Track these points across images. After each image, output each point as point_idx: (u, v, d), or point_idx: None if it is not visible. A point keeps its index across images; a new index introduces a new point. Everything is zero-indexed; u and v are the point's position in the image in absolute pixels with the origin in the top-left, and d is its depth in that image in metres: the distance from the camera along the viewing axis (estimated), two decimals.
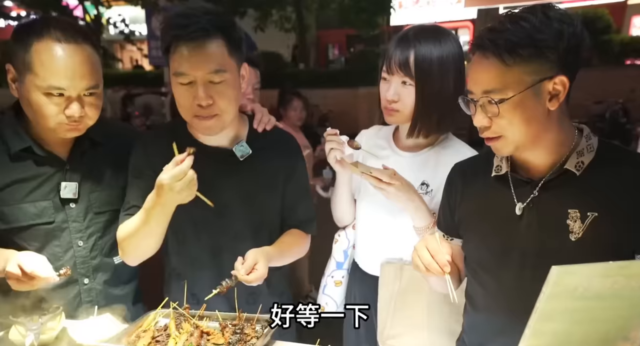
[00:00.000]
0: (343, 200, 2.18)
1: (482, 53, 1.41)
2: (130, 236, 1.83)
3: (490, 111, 1.42)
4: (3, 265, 1.73)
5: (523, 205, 1.51)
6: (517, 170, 1.57)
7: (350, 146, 1.98)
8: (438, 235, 1.61)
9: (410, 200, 1.87)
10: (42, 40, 1.73)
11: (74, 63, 1.74)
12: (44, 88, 1.73)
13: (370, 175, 1.85)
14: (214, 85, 1.74)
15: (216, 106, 1.76)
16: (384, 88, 1.97)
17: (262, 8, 17.06)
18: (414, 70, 1.88)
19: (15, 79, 1.80)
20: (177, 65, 1.73)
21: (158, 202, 1.68)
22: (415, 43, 1.88)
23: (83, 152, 1.96)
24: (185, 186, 1.61)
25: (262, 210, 1.97)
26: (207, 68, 1.72)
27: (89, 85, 1.77)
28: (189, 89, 1.74)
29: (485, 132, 1.46)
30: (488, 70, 1.39)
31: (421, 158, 2.02)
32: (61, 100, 1.76)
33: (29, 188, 1.87)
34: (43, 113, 1.77)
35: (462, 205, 1.69)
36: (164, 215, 1.74)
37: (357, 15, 17.29)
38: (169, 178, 1.61)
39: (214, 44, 1.72)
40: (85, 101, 1.79)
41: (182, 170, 1.60)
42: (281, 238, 2.00)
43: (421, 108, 1.92)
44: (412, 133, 1.98)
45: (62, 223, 1.91)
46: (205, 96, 1.73)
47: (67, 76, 1.73)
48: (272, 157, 1.97)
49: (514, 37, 1.35)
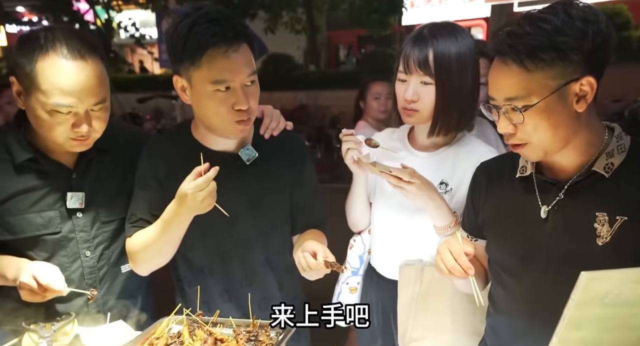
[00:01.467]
0: (359, 203, 2.15)
1: (501, 59, 1.37)
2: (145, 248, 1.84)
3: (514, 118, 1.38)
4: (15, 274, 1.73)
5: (548, 208, 1.47)
6: (542, 171, 1.53)
7: (368, 145, 1.96)
8: (462, 235, 1.59)
9: (431, 199, 1.85)
10: (47, 56, 1.69)
11: (81, 80, 1.70)
12: (49, 105, 1.69)
13: (390, 174, 1.82)
14: (248, 88, 1.75)
15: (250, 109, 1.77)
16: (402, 88, 1.94)
17: (272, 10, 17.13)
18: (434, 68, 1.85)
19: (21, 92, 1.77)
20: (216, 73, 1.70)
21: (179, 211, 1.69)
22: (432, 40, 1.86)
23: (90, 160, 1.93)
24: (207, 195, 1.62)
25: (270, 214, 1.95)
26: (246, 72, 1.72)
27: (96, 100, 1.74)
28: (226, 96, 1.73)
29: (510, 139, 1.43)
30: (509, 76, 1.35)
31: (439, 158, 2.00)
32: (68, 117, 1.73)
33: (35, 199, 1.85)
34: (49, 129, 1.74)
35: (485, 205, 1.67)
36: (182, 225, 1.75)
37: (368, 16, 17.32)
38: (193, 187, 1.61)
39: (245, 47, 1.73)
40: (92, 115, 1.77)
41: (207, 180, 1.61)
42: (307, 236, 1.95)
43: (442, 106, 1.89)
44: (433, 132, 1.96)
45: (69, 233, 1.89)
46: (246, 99, 1.74)
47: (74, 94, 1.70)
48: (279, 159, 1.96)
49: (535, 40, 1.30)
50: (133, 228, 1.89)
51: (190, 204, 1.64)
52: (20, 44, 1.74)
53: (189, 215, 1.71)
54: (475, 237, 1.72)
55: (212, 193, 1.64)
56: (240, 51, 1.70)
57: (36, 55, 1.69)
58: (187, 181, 1.64)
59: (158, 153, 1.92)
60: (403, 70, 1.91)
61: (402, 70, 1.92)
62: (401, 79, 1.93)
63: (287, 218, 2.01)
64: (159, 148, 1.94)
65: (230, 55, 1.68)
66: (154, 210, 1.86)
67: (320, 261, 1.66)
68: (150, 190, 1.89)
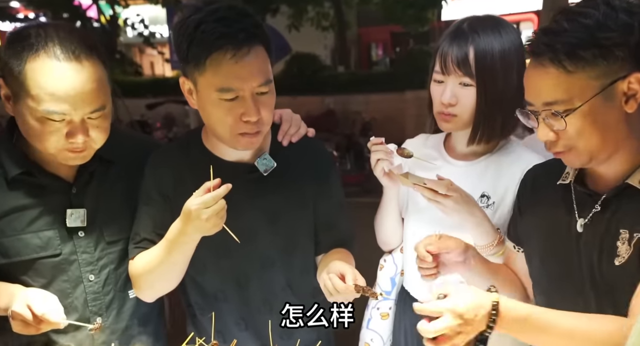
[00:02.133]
0: (390, 219, 2.16)
1: (538, 60, 1.37)
2: (148, 271, 1.84)
3: (555, 124, 1.38)
4: (7, 303, 1.70)
5: (584, 221, 1.47)
6: (582, 180, 1.53)
7: (400, 155, 1.95)
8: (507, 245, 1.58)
9: (470, 214, 1.84)
10: (38, 57, 1.66)
11: (75, 85, 1.67)
12: (40, 112, 1.67)
13: (424, 187, 1.82)
14: (259, 97, 1.74)
15: (261, 121, 1.76)
16: (438, 91, 1.94)
17: (296, 4, 17.17)
18: (475, 68, 1.85)
19: (10, 96, 1.75)
20: (221, 81, 1.69)
21: (184, 230, 1.69)
22: (473, 36, 1.86)
23: (91, 173, 1.92)
24: (213, 214, 1.61)
25: (292, 231, 1.96)
26: (257, 80, 1.71)
27: (93, 108, 1.72)
28: (233, 105, 1.72)
29: (553, 147, 1.43)
30: (547, 79, 1.36)
31: (479, 168, 1.99)
32: (61, 125, 1.70)
33: (31, 217, 1.83)
34: (41, 138, 1.72)
35: (527, 213, 1.68)
36: (189, 246, 1.75)
37: (404, 10, 17.26)
38: (198, 204, 1.61)
39: (258, 50, 1.71)
40: (90, 124, 1.74)
41: (214, 197, 1.61)
42: (333, 256, 1.95)
43: (484, 111, 1.88)
44: (474, 139, 1.95)
45: (70, 256, 1.88)
46: (256, 111, 1.73)
47: (67, 101, 1.67)
48: (300, 170, 1.96)
49: (574, 38, 1.30)
50: (136, 249, 1.90)
51: (194, 222, 1.63)
52: (9, 42, 1.72)
53: (194, 235, 1.70)
54: (522, 247, 1.73)
55: (220, 213, 1.62)
56: (252, 55, 1.69)
57: (25, 56, 1.66)
58: (194, 196, 1.64)
59: (164, 165, 1.93)
60: (440, 70, 1.91)
61: (438, 70, 1.92)
62: (437, 80, 1.94)
63: (311, 235, 2.02)
64: (166, 159, 1.95)
65: (239, 60, 1.67)
66: (159, 229, 1.86)
67: (349, 284, 1.65)
68: (155, 206, 1.90)
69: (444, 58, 1.89)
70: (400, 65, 16.80)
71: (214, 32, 1.65)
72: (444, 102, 1.91)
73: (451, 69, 1.88)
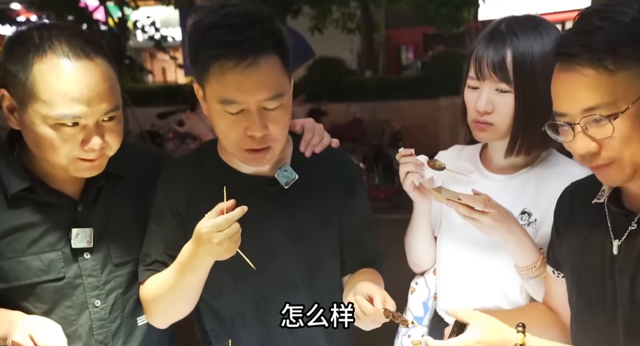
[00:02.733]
0: (422, 237, 2.16)
1: (573, 63, 1.36)
2: (160, 295, 1.85)
3: (599, 132, 1.36)
4: (6, 332, 1.70)
5: (619, 242, 1.47)
6: (618, 199, 1.52)
7: (431, 167, 1.95)
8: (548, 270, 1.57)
9: (510, 232, 1.83)
10: (45, 57, 1.67)
11: (90, 83, 1.69)
12: (53, 118, 1.67)
13: (459, 203, 1.82)
14: (268, 112, 1.73)
15: (270, 136, 1.75)
16: (473, 97, 1.94)
17: (320, 4, 17.21)
18: (513, 73, 1.85)
19: (13, 108, 1.76)
20: (224, 91, 1.69)
21: (196, 253, 1.70)
22: (511, 38, 1.85)
23: (99, 189, 1.92)
24: (225, 238, 1.61)
25: (315, 249, 1.96)
26: (263, 94, 1.70)
27: (108, 108, 1.73)
28: (238, 118, 1.72)
29: (593, 159, 1.42)
30: (586, 82, 1.34)
31: (519, 182, 1.99)
32: (75, 131, 1.71)
33: (33, 237, 1.83)
34: (54, 149, 1.72)
35: (564, 235, 1.67)
36: (200, 269, 1.76)
37: (437, 9, 17.24)
38: (210, 227, 1.61)
39: (269, 61, 1.69)
40: (104, 128, 1.76)
41: (227, 220, 1.61)
42: (361, 277, 1.94)
43: (523, 119, 1.87)
44: (512, 150, 1.94)
45: (74, 279, 1.87)
46: (261, 126, 1.72)
47: (82, 101, 1.67)
48: (324, 183, 1.97)
49: (614, 35, 1.30)
50: (147, 271, 1.90)
51: (205, 245, 1.64)
52: (9, 47, 1.72)
53: (206, 259, 1.71)
54: (562, 271, 1.72)
55: (233, 237, 1.63)
56: (260, 66, 1.67)
57: (31, 58, 1.67)
58: (205, 218, 1.64)
59: (177, 180, 1.94)
60: (474, 75, 1.91)
61: (473, 76, 1.92)
62: (472, 86, 1.94)
63: (336, 255, 2.02)
64: (179, 173, 1.97)
65: (243, 70, 1.65)
66: (171, 250, 1.87)
67: (378, 307, 1.64)
68: (167, 225, 1.90)
69: (479, 62, 1.89)
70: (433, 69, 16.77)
71: (220, 38, 1.66)
72: (479, 109, 1.91)
73: (487, 73, 1.87)
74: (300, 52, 10.87)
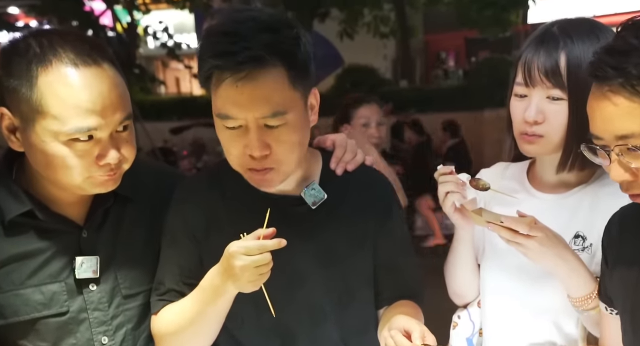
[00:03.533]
0: (464, 265, 2.15)
1: (605, 86, 1.35)
2: (176, 329, 1.85)
3: (634, 161, 1.37)
4: None
5: None
6: None
7: (473, 187, 1.94)
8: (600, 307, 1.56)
9: (560, 259, 1.81)
10: (50, 68, 1.66)
11: (102, 91, 1.69)
12: (66, 134, 1.66)
13: (502, 226, 1.81)
14: (270, 130, 1.72)
15: (273, 157, 1.74)
16: (520, 106, 1.93)
17: (350, 7, 17.24)
18: (567, 79, 1.84)
19: (15, 128, 1.75)
20: (221, 105, 1.70)
21: (219, 277, 1.70)
22: (565, 41, 1.85)
23: (106, 211, 1.93)
24: (251, 265, 1.61)
25: (348, 277, 1.95)
26: (260, 110, 1.68)
27: (122, 117, 1.74)
28: (238, 134, 1.73)
29: (630, 188, 1.42)
30: (619, 108, 1.34)
31: (571, 202, 1.97)
32: (89, 146, 1.70)
33: (32, 268, 1.81)
34: (67, 167, 1.71)
35: (616, 267, 1.65)
36: (221, 300, 1.76)
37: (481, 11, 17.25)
38: (239, 247, 1.62)
39: (271, 74, 1.67)
40: (119, 139, 1.76)
41: (260, 247, 1.61)
42: (397, 309, 1.94)
43: (577, 129, 1.85)
44: (564, 165, 1.94)
45: (78, 314, 1.85)
46: (260, 145, 1.71)
47: (95, 112, 1.67)
48: (356, 203, 1.97)
49: None
50: (160, 302, 1.90)
51: (228, 271, 1.65)
52: (6, 59, 1.71)
53: (229, 287, 1.71)
54: (615, 308, 1.70)
55: (261, 268, 1.62)
56: (258, 80, 1.65)
57: (35, 70, 1.66)
58: (242, 240, 1.65)
59: (193, 200, 1.95)
60: (523, 82, 1.90)
61: (521, 82, 1.91)
62: (519, 94, 1.93)
63: (370, 284, 2.02)
64: (194, 193, 1.97)
65: (238, 84, 1.65)
66: (187, 278, 1.88)
67: (417, 343, 1.63)
68: (182, 250, 1.91)
69: (528, 67, 1.88)
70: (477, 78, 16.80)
71: (215, 47, 1.67)
72: (527, 119, 1.89)
73: (537, 79, 1.86)
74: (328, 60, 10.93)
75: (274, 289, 1.74)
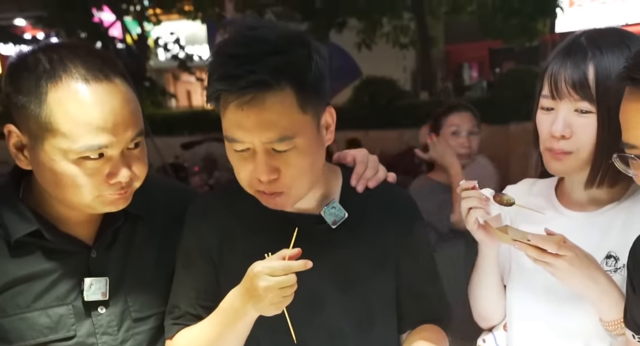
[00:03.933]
0: (488, 286, 2.14)
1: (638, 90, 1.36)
2: None
3: None
4: None
5: None
6: None
7: (498, 202, 1.93)
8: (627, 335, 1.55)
9: (591, 280, 1.79)
10: (60, 83, 1.67)
11: (115, 107, 1.70)
12: (76, 152, 1.68)
13: (529, 244, 1.79)
14: (279, 154, 1.72)
15: (282, 180, 1.74)
16: (547, 120, 1.92)
17: (368, 16, 17.26)
18: (596, 91, 1.83)
19: (22, 146, 1.76)
20: (228, 127, 1.72)
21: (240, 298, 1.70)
22: (594, 52, 1.85)
23: (116, 231, 1.94)
24: (275, 286, 1.61)
25: (369, 299, 1.95)
26: (268, 135, 1.68)
27: (134, 134, 1.76)
28: (246, 158, 1.74)
29: None
30: None
31: (603, 220, 1.96)
32: (100, 164, 1.72)
33: (39, 290, 1.81)
34: (77, 186, 1.72)
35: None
36: (248, 320, 1.76)
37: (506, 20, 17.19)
38: (264, 266, 1.63)
39: (278, 98, 1.67)
40: (130, 157, 1.78)
41: (285, 268, 1.62)
42: (421, 334, 1.94)
43: (606, 143, 1.84)
44: (593, 181, 1.92)
45: (87, 338, 1.86)
46: (267, 170, 1.71)
47: (106, 129, 1.68)
48: (378, 222, 1.97)
49: None
50: (176, 326, 1.90)
51: (250, 293, 1.65)
52: (14, 75, 1.72)
53: (250, 310, 1.71)
54: None
55: (285, 290, 1.62)
56: (264, 104, 1.65)
57: (44, 86, 1.66)
58: (267, 260, 1.65)
59: (207, 219, 1.96)
60: (549, 95, 1.90)
61: (547, 95, 1.90)
62: (546, 107, 1.92)
63: (392, 306, 2.02)
64: (208, 211, 1.98)
65: (244, 106, 1.65)
66: (203, 300, 1.89)
67: None
68: (197, 271, 1.91)
69: (554, 79, 1.88)
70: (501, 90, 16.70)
71: (220, 69, 1.67)
72: (554, 134, 1.88)
73: (564, 91, 1.86)
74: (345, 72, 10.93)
75: (295, 314, 1.74)
